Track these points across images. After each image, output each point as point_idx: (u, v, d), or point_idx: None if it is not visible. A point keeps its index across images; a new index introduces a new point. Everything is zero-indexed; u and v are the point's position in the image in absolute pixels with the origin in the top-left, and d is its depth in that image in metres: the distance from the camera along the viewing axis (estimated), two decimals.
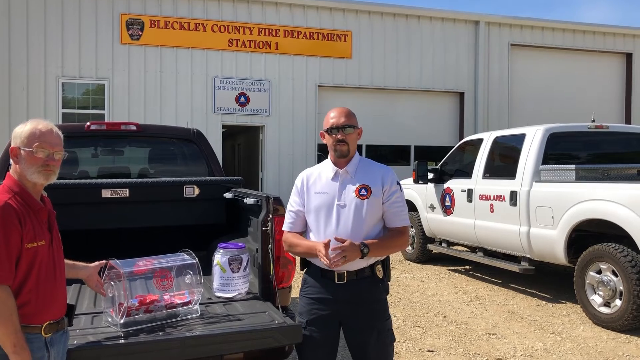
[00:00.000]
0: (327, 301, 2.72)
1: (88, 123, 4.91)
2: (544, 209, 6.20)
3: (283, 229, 2.89)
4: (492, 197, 7.00)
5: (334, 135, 2.76)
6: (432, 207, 8.45)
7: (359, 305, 2.70)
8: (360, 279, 2.70)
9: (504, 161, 7.38)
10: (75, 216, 3.93)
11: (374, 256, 2.69)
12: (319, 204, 2.75)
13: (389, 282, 2.86)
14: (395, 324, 5.46)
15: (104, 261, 2.77)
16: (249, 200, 3.69)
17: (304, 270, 2.87)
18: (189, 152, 5.20)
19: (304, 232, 2.84)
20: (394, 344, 2.84)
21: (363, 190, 2.72)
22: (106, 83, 12.71)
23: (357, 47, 14.36)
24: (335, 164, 2.81)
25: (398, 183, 2.82)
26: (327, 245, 2.56)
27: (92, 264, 2.69)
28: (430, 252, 8.86)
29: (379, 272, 2.75)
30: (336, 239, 2.58)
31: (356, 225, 2.68)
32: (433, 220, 8.44)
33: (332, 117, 2.79)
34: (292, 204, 2.86)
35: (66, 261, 2.39)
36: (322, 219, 2.73)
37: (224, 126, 13.57)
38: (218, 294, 3.41)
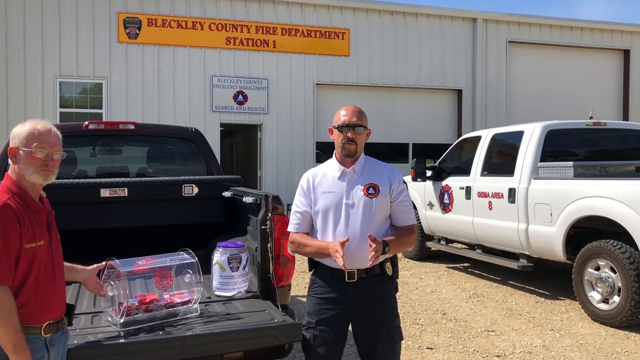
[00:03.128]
0: (337, 300, 2.72)
1: (86, 122, 4.90)
2: (543, 206, 6.20)
3: (289, 230, 2.87)
4: (490, 195, 7.00)
5: (343, 133, 2.74)
6: (430, 205, 8.45)
7: (369, 303, 2.71)
8: (370, 277, 2.71)
9: (502, 158, 7.39)
10: (74, 216, 3.93)
11: (390, 254, 2.70)
12: (327, 204, 2.74)
13: (397, 280, 2.86)
14: None
15: (102, 263, 2.75)
16: (247, 199, 3.69)
17: (312, 271, 2.86)
18: (187, 151, 5.20)
19: (309, 233, 2.83)
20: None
21: (371, 189, 2.72)
22: (104, 82, 12.67)
23: (355, 45, 14.34)
24: (341, 162, 2.81)
25: (404, 182, 2.83)
26: (343, 245, 2.55)
27: (90, 267, 2.67)
28: (429, 250, 8.87)
29: (389, 270, 2.77)
30: (369, 236, 2.54)
31: (365, 224, 2.68)
32: (432, 217, 8.44)
33: (344, 114, 2.77)
34: (298, 205, 2.84)
35: (64, 264, 2.38)
36: (330, 218, 2.72)
37: (222, 125, 13.55)
38: (217, 293, 3.41)
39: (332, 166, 2.83)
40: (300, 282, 7.00)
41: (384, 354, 2.72)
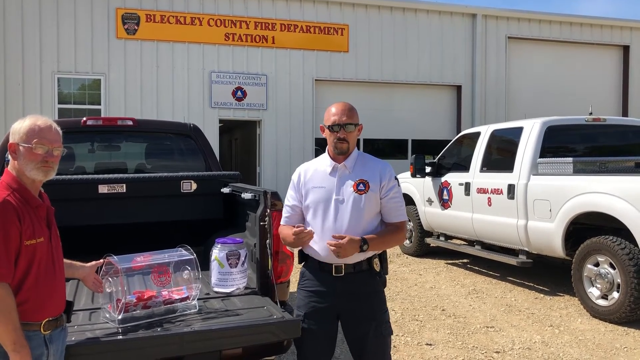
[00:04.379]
0: (325, 294, 2.74)
1: (84, 118, 4.88)
2: (542, 202, 6.20)
3: (280, 223, 2.92)
4: (489, 191, 7.00)
5: (335, 133, 2.74)
6: (429, 201, 8.45)
7: (356, 298, 2.72)
8: (357, 272, 2.72)
9: (501, 154, 7.38)
10: (72, 212, 3.92)
11: (372, 251, 2.71)
12: (317, 199, 2.76)
13: (386, 275, 2.87)
14: (394, 317, 5.47)
15: (101, 260, 2.74)
16: (246, 195, 3.68)
17: (302, 263, 2.88)
18: (186, 147, 5.18)
19: None
20: (392, 336, 2.86)
21: (361, 185, 2.73)
22: (102, 78, 12.65)
23: (354, 40, 14.31)
24: (333, 158, 2.82)
25: (396, 178, 2.83)
26: (310, 232, 2.66)
27: (89, 264, 2.66)
28: (428, 246, 8.87)
29: (376, 266, 2.78)
30: (334, 237, 2.60)
31: (354, 220, 2.69)
32: (431, 213, 8.44)
33: (334, 113, 2.76)
34: (289, 199, 2.88)
35: (64, 260, 2.38)
36: (319, 213, 2.74)
37: (220, 121, 13.54)
38: (216, 289, 3.41)
39: (324, 161, 2.85)
40: (298, 277, 6.99)
41: (374, 349, 2.74)
